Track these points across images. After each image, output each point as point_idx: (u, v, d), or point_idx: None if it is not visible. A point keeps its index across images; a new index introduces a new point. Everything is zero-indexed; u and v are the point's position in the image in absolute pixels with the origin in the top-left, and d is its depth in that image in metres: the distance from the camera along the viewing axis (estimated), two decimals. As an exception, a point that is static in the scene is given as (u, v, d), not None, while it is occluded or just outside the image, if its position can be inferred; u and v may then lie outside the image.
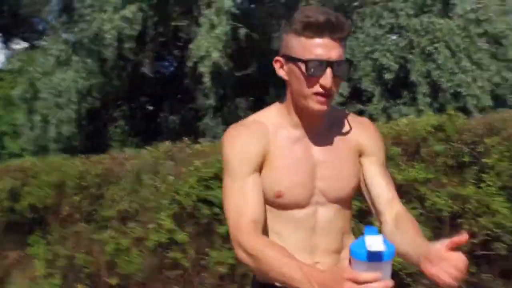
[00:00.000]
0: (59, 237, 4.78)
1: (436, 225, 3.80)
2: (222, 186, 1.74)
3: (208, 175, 4.23)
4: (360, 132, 1.80)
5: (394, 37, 13.30)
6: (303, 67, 1.61)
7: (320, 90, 1.61)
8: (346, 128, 1.79)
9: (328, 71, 1.59)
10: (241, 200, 1.66)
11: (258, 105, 15.92)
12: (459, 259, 1.44)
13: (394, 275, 3.66)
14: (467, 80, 12.91)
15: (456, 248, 1.46)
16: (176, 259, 4.28)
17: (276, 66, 1.72)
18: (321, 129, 1.75)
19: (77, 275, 4.66)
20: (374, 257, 1.32)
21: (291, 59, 1.65)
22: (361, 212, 3.87)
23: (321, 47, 1.58)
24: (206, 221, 4.23)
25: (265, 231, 1.72)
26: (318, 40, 1.58)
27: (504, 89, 14.17)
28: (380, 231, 1.38)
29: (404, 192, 3.85)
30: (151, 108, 15.57)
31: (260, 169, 1.69)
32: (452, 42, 13.10)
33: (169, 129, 14.44)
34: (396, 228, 1.69)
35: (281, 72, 1.71)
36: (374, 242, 1.31)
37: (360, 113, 12.26)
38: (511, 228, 3.48)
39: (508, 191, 3.57)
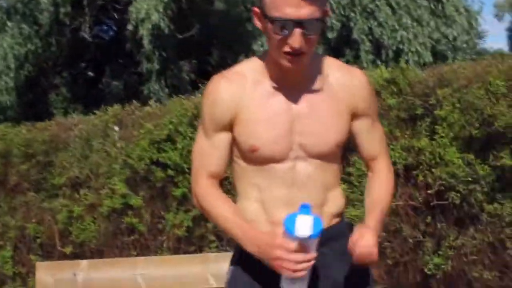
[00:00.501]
0: (8, 208, 4.63)
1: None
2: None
3: (161, 137, 4.16)
4: (351, 89, 1.73)
5: (336, -5, 13.30)
6: (270, 26, 1.58)
7: (289, 50, 1.58)
8: (337, 82, 1.73)
9: (297, 31, 1.55)
10: (204, 154, 1.73)
11: (201, 67, 15.80)
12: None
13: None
14: (408, 36, 13.13)
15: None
16: (131, 224, 4.22)
17: (254, 16, 1.68)
18: (304, 82, 1.70)
19: (29, 246, 4.55)
20: (301, 237, 1.49)
21: (263, 15, 1.61)
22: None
23: (290, 6, 1.53)
24: (161, 185, 4.17)
25: (245, 184, 1.73)
26: None
27: (443, 45, 14.46)
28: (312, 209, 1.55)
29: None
30: (92, 74, 15.22)
31: (230, 126, 1.69)
32: (392, -1, 13.26)
33: (112, 95, 14.17)
34: (368, 186, 1.83)
35: (258, 24, 1.68)
36: (302, 225, 1.47)
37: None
38: (464, 177, 3.55)
39: (460, 141, 3.64)
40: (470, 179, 3.55)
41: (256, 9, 1.65)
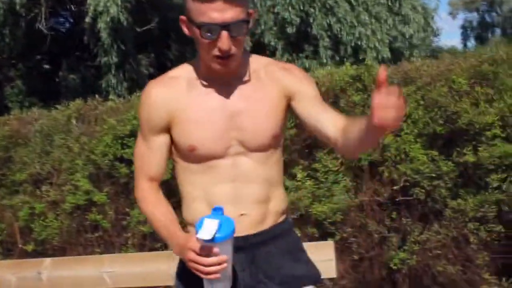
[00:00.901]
0: (-34, 205, 4.50)
1: (357, 174, 3.89)
2: None
3: (124, 132, 4.10)
4: (284, 77, 1.78)
5: (295, -10, 13.37)
6: (197, 31, 1.61)
7: (218, 53, 1.62)
8: (267, 75, 1.77)
9: (224, 34, 1.58)
10: (143, 158, 1.80)
11: (160, 61, 15.66)
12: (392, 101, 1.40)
13: (318, 225, 3.72)
14: (367, 33, 13.29)
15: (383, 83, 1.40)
16: (95, 220, 4.15)
17: (182, 25, 1.71)
18: (236, 80, 1.73)
19: (-11, 244, 4.43)
20: (206, 240, 1.51)
21: (190, 22, 1.64)
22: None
23: (214, 10, 1.56)
24: (125, 180, 4.11)
25: (189, 185, 1.78)
26: (210, 4, 1.56)
27: (400, 42, 14.71)
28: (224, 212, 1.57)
29: (325, 142, 3.90)
30: (47, 66, 14.91)
31: (167, 128, 1.73)
32: (351, -5, 13.38)
33: (68, 88, 13.93)
34: (344, 136, 1.68)
35: (186, 31, 1.71)
36: (207, 229, 1.49)
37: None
38: (428, 173, 3.61)
39: (424, 138, 3.70)
40: (434, 175, 3.61)
41: (183, 17, 1.68)
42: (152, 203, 1.77)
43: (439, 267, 3.70)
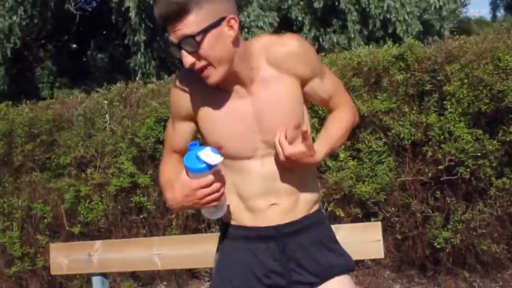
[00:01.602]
0: (13, 188, 4.59)
1: (400, 153, 3.89)
2: None
3: (168, 115, 4.13)
4: (287, 60, 1.71)
5: (321, -36, 13.16)
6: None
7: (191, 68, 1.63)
8: (272, 61, 1.71)
9: (182, 52, 1.58)
10: (168, 136, 1.86)
11: (187, 38, 15.57)
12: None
13: (362, 205, 3.74)
14: (395, 5, 13.06)
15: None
16: (140, 202, 4.22)
17: None
18: (250, 80, 1.70)
19: (36, 226, 4.52)
20: (213, 166, 1.54)
21: None
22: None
23: (170, 32, 1.58)
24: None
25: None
26: (167, 27, 1.59)
27: (431, 15, 14.44)
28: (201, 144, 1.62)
29: (368, 122, 3.91)
30: (75, 46, 14.97)
31: (191, 117, 1.77)
32: (379, -32, 13.14)
33: (97, 68, 13.99)
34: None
35: None
36: (209, 156, 1.53)
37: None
38: (473, 153, 3.59)
39: (469, 117, 3.67)
40: (479, 154, 3.59)
41: None
42: (164, 170, 1.82)
43: (483, 246, 3.70)
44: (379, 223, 3.06)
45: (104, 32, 14.82)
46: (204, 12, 1.56)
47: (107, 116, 4.44)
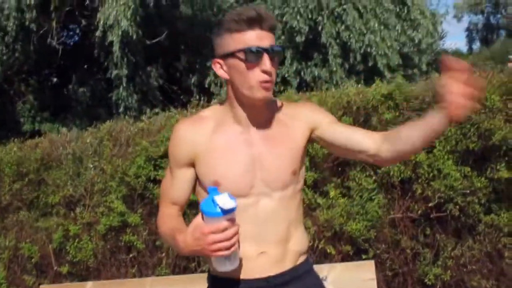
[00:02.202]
0: (0, 228, 4.54)
1: (389, 191, 3.92)
2: None
3: (158, 154, 4.15)
4: (300, 113, 1.87)
5: (302, -2, 13.35)
6: (242, 55, 1.68)
7: (263, 76, 1.70)
8: (288, 115, 1.86)
9: (265, 56, 1.68)
10: (166, 186, 1.88)
11: (169, 72, 15.60)
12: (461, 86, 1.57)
13: (352, 242, 3.75)
14: (376, 40, 13.28)
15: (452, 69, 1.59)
16: (130, 241, 4.19)
17: (216, 68, 1.78)
18: (262, 122, 1.81)
19: (24, 266, 4.47)
20: (228, 211, 1.55)
21: (230, 55, 1.71)
22: (315, 183, 3.95)
23: (255, 37, 1.67)
24: (158, 201, 4.14)
25: None
26: (251, 32, 1.67)
27: (409, 48, 14.70)
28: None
29: (360, 158, 3.93)
30: (58, 80, 14.93)
31: (191, 164, 1.81)
32: (359, 3, 13.38)
33: (79, 102, 13.95)
34: (394, 141, 1.80)
35: (221, 72, 1.77)
36: (224, 201, 1.55)
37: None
38: (461, 190, 3.64)
39: (457, 154, 3.73)
40: (467, 191, 3.65)
41: (217, 60, 1.77)
42: (164, 220, 1.82)
43: (473, 282, 3.73)
44: (372, 261, 3.09)
45: (85, 66, 14.84)
46: None
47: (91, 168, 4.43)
